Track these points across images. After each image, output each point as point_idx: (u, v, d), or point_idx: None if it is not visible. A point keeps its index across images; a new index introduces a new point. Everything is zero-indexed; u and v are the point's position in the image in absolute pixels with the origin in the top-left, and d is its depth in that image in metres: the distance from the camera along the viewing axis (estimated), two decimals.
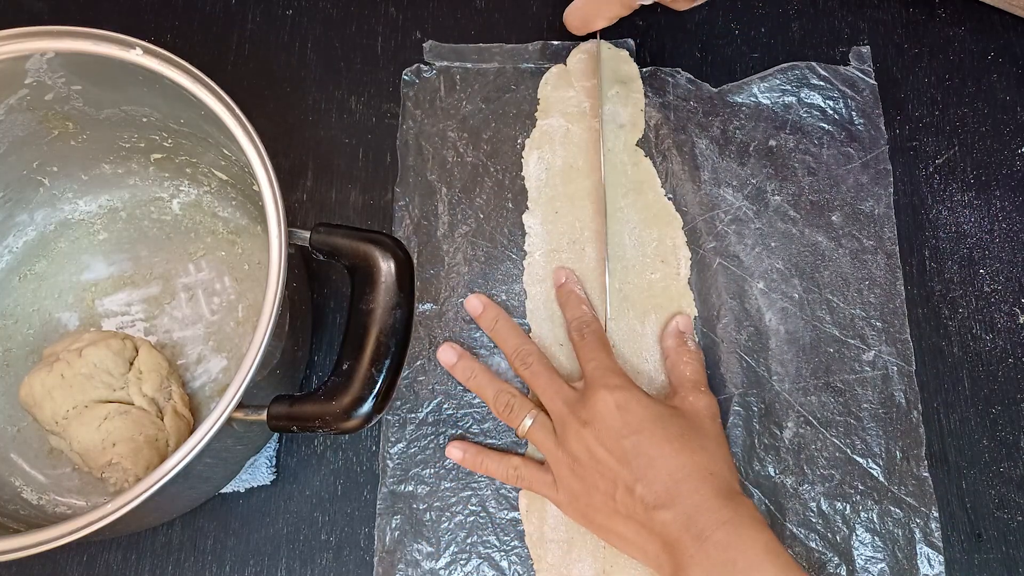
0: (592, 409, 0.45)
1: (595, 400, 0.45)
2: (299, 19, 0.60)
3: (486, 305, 0.52)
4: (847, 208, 0.55)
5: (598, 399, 0.45)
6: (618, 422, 0.44)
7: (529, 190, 0.55)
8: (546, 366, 0.49)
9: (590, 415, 0.45)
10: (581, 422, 0.45)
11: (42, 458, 0.49)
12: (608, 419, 0.44)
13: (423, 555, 0.48)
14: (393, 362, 0.40)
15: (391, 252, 0.41)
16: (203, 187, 0.54)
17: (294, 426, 0.39)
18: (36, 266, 0.53)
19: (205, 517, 0.49)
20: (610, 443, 0.44)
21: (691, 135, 0.56)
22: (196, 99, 0.42)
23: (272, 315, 0.38)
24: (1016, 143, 0.57)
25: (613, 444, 0.44)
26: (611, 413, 0.44)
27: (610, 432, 0.44)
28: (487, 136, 0.57)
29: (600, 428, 0.44)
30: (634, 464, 0.43)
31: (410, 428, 0.50)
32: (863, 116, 0.57)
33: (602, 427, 0.44)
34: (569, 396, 0.46)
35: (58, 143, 0.49)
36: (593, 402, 0.45)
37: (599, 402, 0.45)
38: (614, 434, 0.44)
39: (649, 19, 0.60)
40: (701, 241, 0.54)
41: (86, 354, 0.46)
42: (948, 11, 0.61)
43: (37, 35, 0.42)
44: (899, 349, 0.52)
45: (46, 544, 0.35)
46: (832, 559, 0.48)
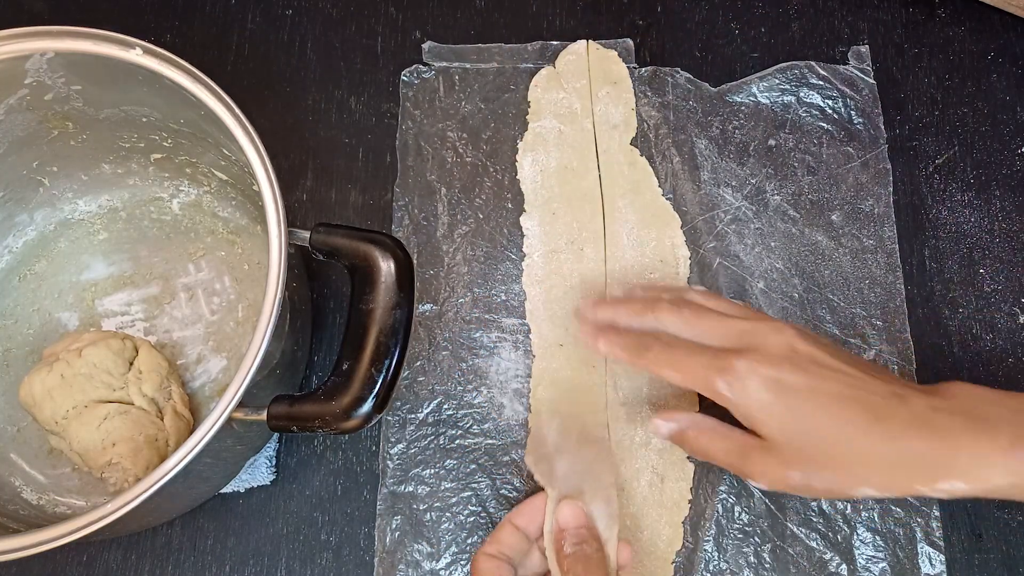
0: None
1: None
2: (299, 19, 0.60)
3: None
4: (847, 207, 0.55)
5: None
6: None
7: (525, 192, 0.55)
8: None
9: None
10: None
11: (42, 458, 0.49)
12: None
13: (423, 555, 0.48)
14: (393, 362, 0.40)
15: (391, 252, 0.41)
16: (203, 187, 0.54)
17: (294, 426, 0.39)
18: (36, 266, 0.53)
19: (205, 517, 0.49)
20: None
21: (690, 135, 0.56)
22: (196, 99, 0.42)
23: (272, 315, 0.38)
24: (1016, 143, 0.57)
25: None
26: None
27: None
28: (486, 136, 0.57)
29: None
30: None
31: (410, 428, 0.50)
32: (862, 115, 0.57)
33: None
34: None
35: (58, 143, 0.49)
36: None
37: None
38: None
39: (649, 19, 0.60)
40: (701, 241, 0.54)
41: (86, 354, 0.46)
42: (948, 11, 0.61)
43: (37, 35, 0.42)
44: (899, 348, 0.52)
45: (46, 544, 0.35)
46: (833, 558, 0.48)
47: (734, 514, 0.49)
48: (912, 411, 0.37)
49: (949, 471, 0.36)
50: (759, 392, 0.39)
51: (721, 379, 0.40)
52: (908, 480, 0.37)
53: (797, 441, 0.38)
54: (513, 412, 0.51)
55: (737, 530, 0.48)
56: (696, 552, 0.48)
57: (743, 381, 0.39)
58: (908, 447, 0.37)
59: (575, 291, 0.52)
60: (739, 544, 0.48)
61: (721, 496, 0.49)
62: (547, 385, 0.51)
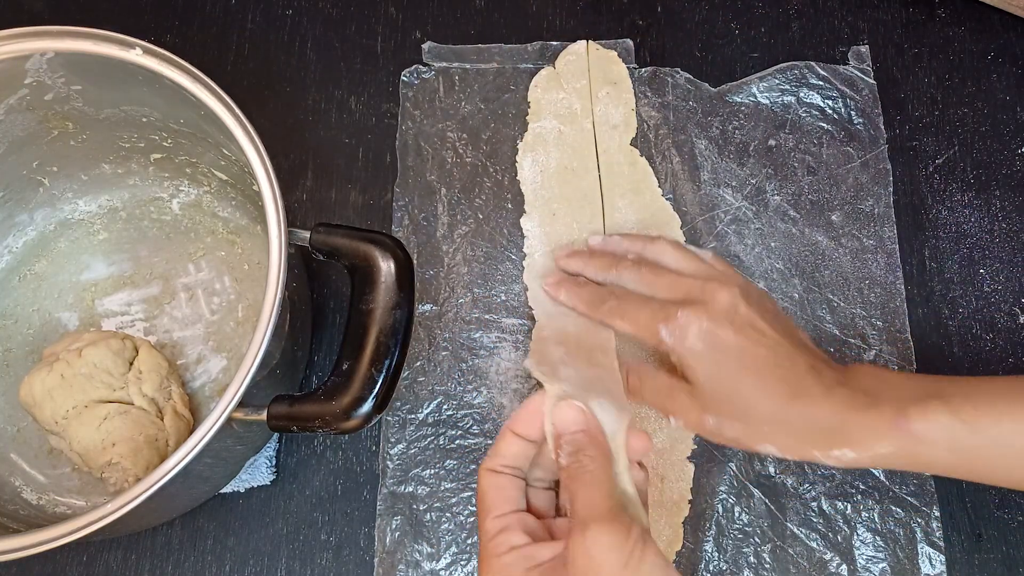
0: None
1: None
2: (299, 19, 0.60)
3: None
4: (847, 207, 0.55)
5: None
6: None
7: (525, 193, 0.55)
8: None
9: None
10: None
11: (42, 458, 0.49)
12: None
13: (423, 556, 0.48)
14: (393, 362, 0.40)
15: (391, 252, 0.41)
16: (203, 187, 0.54)
17: (294, 426, 0.39)
18: (36, 266, 0.53)
19: (205, 517, 0.49)
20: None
21: (690, 135, 0.56)
22: (196, 99, 0.42)
23: (272, 315, 0.38)
24: (1016, 143, 0.57)
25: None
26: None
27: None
28: (486, 136, 0.57)
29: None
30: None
31: (410, 429, 0.50)
32: (862, 116, 0.57)
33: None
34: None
35: (58, 143, 0.49)
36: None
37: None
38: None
39: (649, 19, 0.60)
40: (701, 241, 0.54)
41: (86, 354, 0.46)
42: (948, 11, 0.61)
43: (37, 35, 0.42)
44: (899, 348, 0.52)
45: (46, 544, 0.35)
46: (833, 559, 0.48)
47: (734, 514, 0.49)
48: (822, 384, 0.41)
49: (842, 440, 0.39)
50: (695, 341, 0.42)
51: (663, 327, 0.43)
52: (806, 445, 0.40)
53: (718, 392, 0.42)
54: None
55: (737, 530, 0.48)
56: (696, 552, 0.48)
57: (683, 329, 0.42)
58: (811, 415, 0.40)
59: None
60: (739, 544, 0.48)
61: (721, 496, 0.49)
62: (551, 331, 0.49)
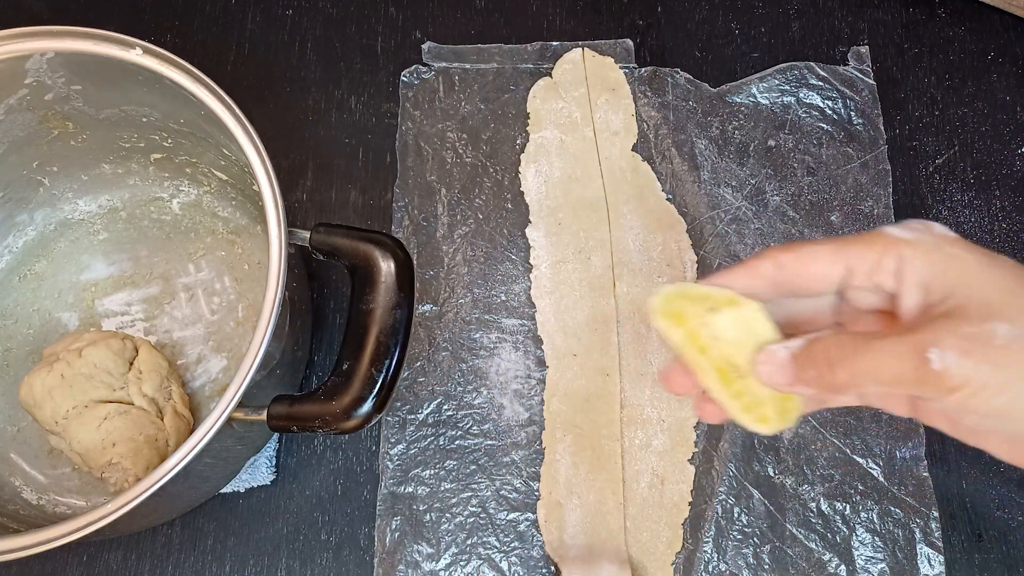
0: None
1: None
2: (299, 19, 0.60)
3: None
4: (846, 208, 0.55)
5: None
6: None
7: (530, 204, 0.55)
8: None
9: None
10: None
11: (42, 458, 0.49)
12: None
13: (423, 556, 0.48)
14: (393, 362, 0.40)
15: (391, 252, 0.41)
16: (203, 187, 0.54)
17: (294, 426, 0.39)
18: (36, 266, 0.53)
19: (205, 517, 0.49)
20: None
21: (690, 135, 0.56)
22: (196, 99, 0.42)
23: (272, 315, 0.38)
24: (1016, 143, 0.57)
25: None
26: None
27: None
28: (486, 136, 0.57)
29: None
30: None
31: (410, 429, 0.50)
32: (862, 116, 0.57)
33: None
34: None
35: (58, 143, 0.49)
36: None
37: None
38: None
39: (649, 19, 0.60)
40: (702, 241, 0.54)
41: (86, 354, 0.46)
42: (948, 11, 0.61)
43: (37, 35, 0.42)
44: None
45: (46, 544, 0.35)
46: (832, 559, 0.48)
47: (733, 515, 0.49)
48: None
49: None
50: (945, 232, 0.30)
51: (892, 229, 0.31)
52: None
53: (1006, 275, 0.29)
54: (513, 413, 0.51)
55: (736, 531, 0.48)
56: (696, 553, 0.48)
57: (922, 224, 0.30)
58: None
59: (585, 300, 0.52)
60: (738, 545, 0.48)
61: (720, 498, 0.49)
62: (561, 396, 0.51)
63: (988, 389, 0.27)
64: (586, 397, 0.51)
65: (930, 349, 0.27)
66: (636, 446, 0.50)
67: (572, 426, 0.50)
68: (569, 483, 0.49)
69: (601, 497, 0.49)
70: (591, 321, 0.52)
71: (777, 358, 0.30)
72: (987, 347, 0.27)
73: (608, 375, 0.51)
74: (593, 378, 0.51)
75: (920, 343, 0.27)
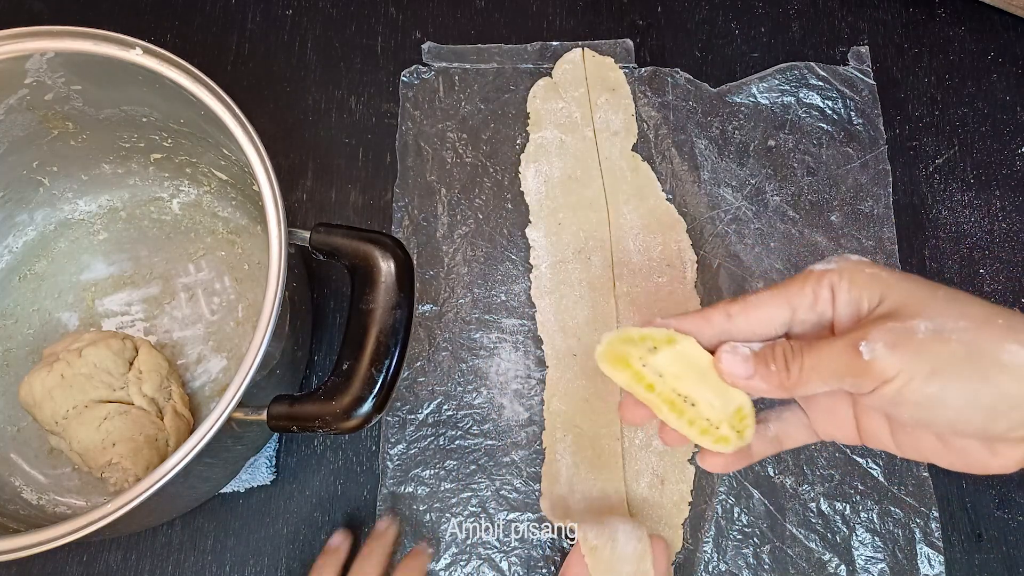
0: None
1: None
2: (299, 19, 0.60)
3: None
4: (846, 208, 0.55)
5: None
6: None
7: (530, 204, 0.55)
8: None
9: None
10: None
11: (42, 458, 0.49)
12: None
13: None
14: (393, 362, 0.40)
15: (391, 252, 0.41)
16: (203, 187, 0.54)
17: (294, 426, 0.39)
18: (36, 266, 0.53)
19: (205, 517, 0.49)
20: None
21: (690, 135, 0.56)
22: (196, 99, 0.42)
23: (272, 315, 0.38)
24: (1016, 143, 0.57)
25: None
26: None
27: None
28: (486, 136, 0.57)
29: None
30: None
31: (410, 429, 0.50)
32: (862, 116, 0.57)
33: None
34: None
35: (58, 143, 0.49)
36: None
37: None
38: None
39: (649, 19, 0.60)
40: (702, 241, 0.54)
41: (86, 354, 0.46)
42: (948, 11, 0.61)
43: (37, 35, 0.42)
44: None
45: (46, 544, 0.35)
46: (832, 559, 0.48)
47: (733, 515, 0.49)
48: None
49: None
50: (865, 264, 0.33)
51: (822, 265, 0.34)
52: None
53: (927, 290, 0.32)
54: (513, 413, 0.51)
55: (736, 531, 0.48)
56: (696, 553, 0.48)
57: (847, 260, 0.33)
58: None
59: (585, 300, 0.52)
60: (738, 545, 0.48)
61: (720, 498, 0.49)
62: (561, 396, 0.51)
63: (917, 378, 0.30)
64: (586, 397, 0.51)
65: (861, 343, 0.30)
66: (636, 446, 0.50)
67: (572, 426, 0.50)
68: (570, 483, 0.49)
69: (603, 496, 0.49)
70: (591, 321, 0.52)
71: (739, 352, 0.34)
72: (911, 339, 0.30)
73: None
74: (593, 378, 0.51)
75: (852, 339, 0.31)
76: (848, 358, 0.31)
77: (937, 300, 0.31)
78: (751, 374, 0.33)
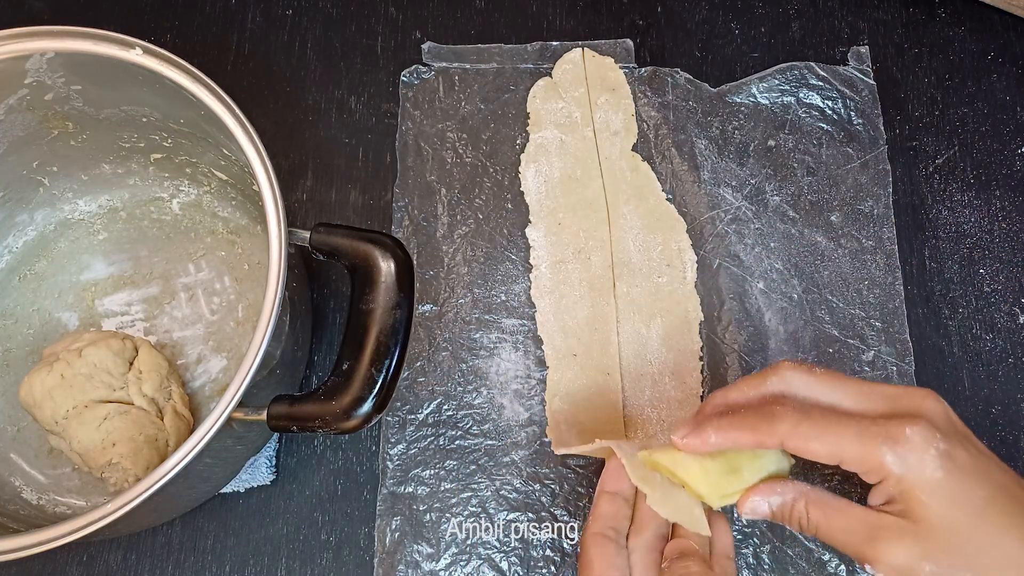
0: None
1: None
2: (299, 19, 0.60)
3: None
4: (846, 208, 0.55)
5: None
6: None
7: (530, 204, 0.55)
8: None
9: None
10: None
11: (42, 458, 0.49)
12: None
13: (423, 556, 0.48)
14: (393, 362, 0.40)
15: (391, 252, 0.41)
16: (203, 187, 0.54)
17: (294, 426, 0.39)
18: (36, 266, 0.53)
19: (205, 517, 0.49)
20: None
21: (690, 135, 0.56)
22: (196, 99, 0.42)
23: (272, 315, 0.38)
24: (1016, 143, 0.57)
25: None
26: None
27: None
28: (486, 136, 0.57)
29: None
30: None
31: (410, 429, 0.50)
32: (862, 116, 0.57)
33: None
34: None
35: (58, 143, 0.49)
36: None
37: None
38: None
39: (649, 19, 0.60)
40: (702, 241, 0.54)
41: (86, 354, 0.46)
42: (948, 11, 0.61)
43: (37, 35, 0.42)
44: (898, 349, 0.52)
45: (46, 544, 0.35)
46: (832, 559, 0.48)
47: (733, 515, 0.49)
48: None
49: None
50: (934, 469, 0.34)
51: (890, 450, 0.34)
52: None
53: (955, 531, 0.33)
54: (513, 413, 0.51)
55: (736, 531, 0.48)
56: None
57: (919, 454, 0.34)
58: None
59: (585, 300, 0.52)
60: (738, 545, 0.48)
61: None
62: (563, 396, 0.51)
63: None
64: (587, 397, 0.51)
65: (867, 566, 0.35)
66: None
67: (575, 423, 0.50)
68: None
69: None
70: (591, 321, 0.52)
71: (759, 512, 0.38)
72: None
73: (609, 375, 0.51)
74: (594, 378, 0.51)
75: (861, 555, 0.35)
76: (854, 553, 0.35)
77: (955, 554, 0.34)
78: (768, 519, 0.38)
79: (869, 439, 0.34)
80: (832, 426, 0.35)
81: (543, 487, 0.49)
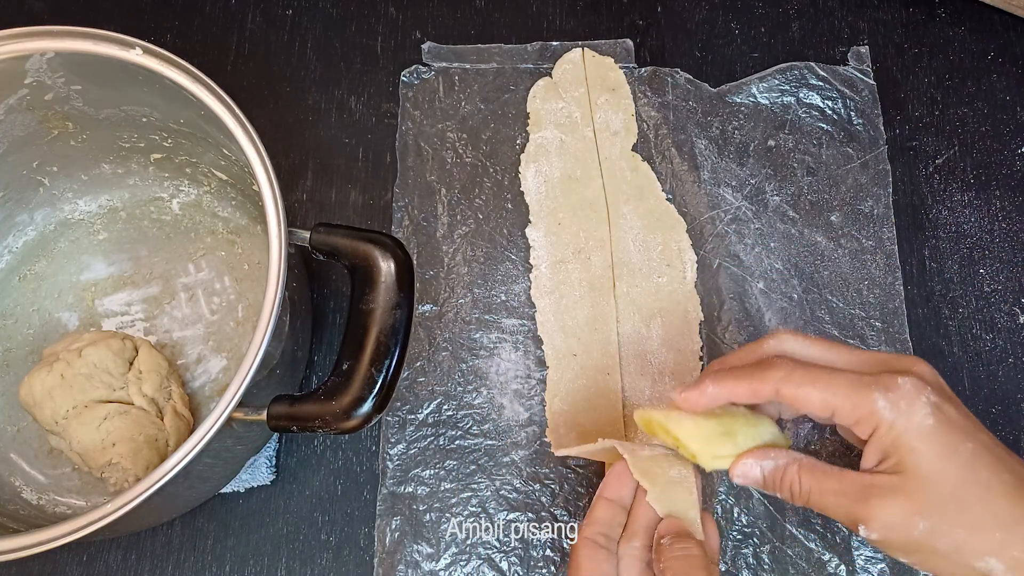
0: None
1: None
2: (299, 19, 0.60)
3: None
4: (846, 208, 0.55)
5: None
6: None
7: (530, 204, 0.55)
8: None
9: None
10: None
11: (42, 458, 0.49)
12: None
13: (423, 556, 0.48)
14: (393, 362, 0.40)
15: (391, 252, 0.41)
16: (203, 187, 0.54)
17: (294, 426, 0.39)
18: (36, 266, 0.53)
19: (205, 517, 0.49)
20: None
21: (690, 135, 0.56)
22: (196, 99, 0.42)
23: (272, 315, 0.38)
24: (1016, 143, 0.57)
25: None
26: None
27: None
28: (486, 136, 0.57)
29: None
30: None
31: (410, 429, 0.50)
32: (862, 116, 0.57)
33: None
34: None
35: (58, 143, 0.49)
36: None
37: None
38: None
39: (649, 19, 0.60)
40: (702, 241, 0.54)
41: (86, 354, 0.46)
42: (948, 11, 0.61)
43: (37, 35, 0.42)
44: (898, 349, 0.52)
45: (46, 544, 0.35)
46: (832, 560, 0.48)
47: (733, 515, 0.49)
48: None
49: None
50: (925, 416, 0.34)
51: (882, 396, 0.35)
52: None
53: (945, 482, 0.34)
54: (513, 413, 0.51)
55: (736, 531, 0.48)
56: None
57: (911, 400, 0.34)
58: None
59: (585, 300, 0.52)
60: (738, 545, 0.48)
61: (720, 498, 0.49)
62: (563, 396, 0.51)
63: (899, 553, 0.35)
64: (587, 397, 0.51)
65: (860, 526, 0.35)
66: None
67: (575, 424, 0.50)
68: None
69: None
70: (591, 321, 0.52)
71: (751, 476, 0.38)
72: (905, 533, 0.34)
73: (609, 374, 0.51)
74: (594, 378, 0.51)
75: (854, 517, 0.35)
76: (846, 516, 0.36)
77: (952, 505, 0.34)
78: (759, 486, 0.38)
79: (862, 387, 0.35)
80: (825, 375, 0.36)
81: (543, 487, 0.49)
